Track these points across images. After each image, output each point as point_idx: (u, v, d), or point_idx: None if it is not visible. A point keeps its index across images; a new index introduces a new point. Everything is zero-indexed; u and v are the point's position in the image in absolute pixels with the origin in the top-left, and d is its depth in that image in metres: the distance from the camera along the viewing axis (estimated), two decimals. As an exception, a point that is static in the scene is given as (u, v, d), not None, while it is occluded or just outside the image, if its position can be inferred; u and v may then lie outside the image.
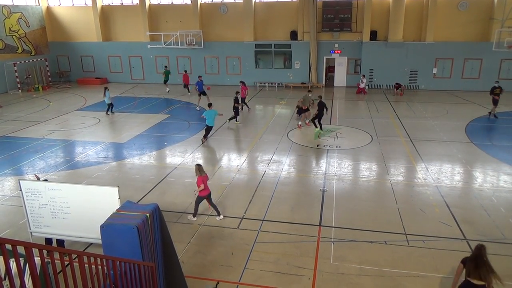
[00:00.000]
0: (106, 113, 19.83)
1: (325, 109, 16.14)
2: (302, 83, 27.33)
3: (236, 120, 18.03)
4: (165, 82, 25.73)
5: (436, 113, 19.54)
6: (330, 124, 17.85)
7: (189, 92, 24.81)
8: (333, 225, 9.06)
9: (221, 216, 9.40)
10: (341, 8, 25.83)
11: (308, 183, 11.57)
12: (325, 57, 27.10)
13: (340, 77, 27.44)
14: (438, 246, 8.18)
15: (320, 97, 16.90)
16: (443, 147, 14.41)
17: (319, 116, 15.99)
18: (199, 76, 22.35)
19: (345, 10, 25.85)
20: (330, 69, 28.56)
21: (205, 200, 9.35)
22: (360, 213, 9.65)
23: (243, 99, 19.96)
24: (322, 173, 12.18)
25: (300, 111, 18.93)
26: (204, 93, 21.22)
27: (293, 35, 26.99)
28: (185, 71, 26.02)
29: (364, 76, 25.02)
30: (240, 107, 18.27)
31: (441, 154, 13.75)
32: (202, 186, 9.06)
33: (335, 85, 27.55)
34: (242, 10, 26.96)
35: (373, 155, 13.69)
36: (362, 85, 24.82)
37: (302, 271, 7.40)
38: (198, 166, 9.19)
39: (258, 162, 13.25)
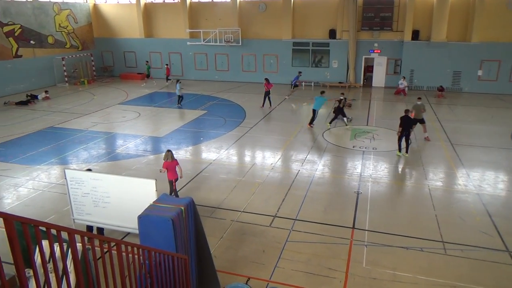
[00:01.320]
0: (178, 104, 21.01)
1: (413, 126, 13.50)
2: (340, 82, 26.92)
3: (330, 123, 17.04)
4: (148, 76, 28.18)
5: (480, 117, 18.65)
6: (367, 125, 17.49)
7: (167, 82, 27.84)
8: (366, 228, 8.90)
9: None
10: (383, 6, 25.16)
11: (342, 184, 11.42)
12: (363, 57, 26.53)
13: (379, 77, 26.76)
14: (477, 256, 7.84)
15: (407, 110, 13.55)
16: (486, 153, 13.75)
17: (403, 135, 13.20)
18: (299, 72, 25.22)
19: (387, 9, 25.16)
20: (369, 68, 27.94)
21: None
22: (395, 218, 9.42)
23: (267, 93, 20.64)
24: (357, 175, 11.97)
25: (339, 111, 18.52)
26: (296, 85, 24.18)
27: (332, 33, 26.62)
28: (167, 65, 28.57)
29: (404, 78, 24.27)
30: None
31: (484, 160, 13.13)
32: (164, 170, 9.72)
33: (373, 85, 26.92)
34: (281, 8, 26.90)
35: (411, 159, 13.29)
36: (401, 86, 24.10)
37: (334, 273, 7.33)
38: (169, 152, 9.88)
39: (292, 161, 13.22)
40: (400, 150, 13.41)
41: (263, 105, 20.78)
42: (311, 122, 16.90)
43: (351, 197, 10.49)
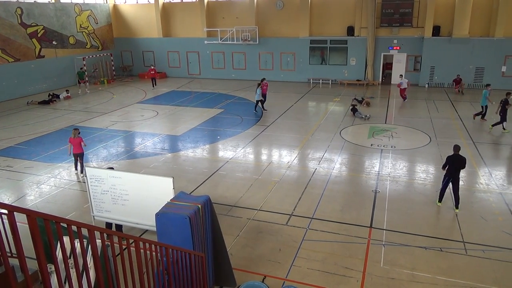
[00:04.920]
0: (256, 109, 19.32)
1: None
2: (358, 80, 26.63)
3: (504, 128, 15.37)
4: (79, 82, 26.38)
5: (504, 115, 18.12)
6: (385, 123, 17.26)
7: (154, 86, 26.53)
8: (384, 228, 8.79)
9: (82, 174, 11.59)
10: (402, 2, 24.71)
11: (360, 183, 11.30)
12: (382, 54, 26.16)
13: (398, 74, 26.29)
14: (499, 257, 7.65)
15: (457, 147, 9.61)
16: (510, 151, 13.38)
17: (449, 181, 9.55)
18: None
19: (406, 5, 24.69)
20: (388, 66, 27.53)
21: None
22: (414, 217, 9.27)
23: (264, 95, 19.50)
24: (375, 173, 11.83)
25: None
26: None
27: (350, 30, 26.34)
28: (152, 66, 27.54)
29: (402, 76, 22.22)
30: None
31: (507, 158, 12.79)
32: (70, 145, 11.63)
33: (392, 82, 26.50)
34: (298, 6, 26.77)
35: (430, 157, 13.04)
36: (404, 86, 21.15)
37: (350, 273, 7.28)
38: (75, 130, 11.84)
39: (309, 160, 13.16)
40: (441, 199, 9.81)
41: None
42: (482, 116, 16.94)
43: (369, 196, 10.37)
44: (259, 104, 19.43)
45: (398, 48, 25.68)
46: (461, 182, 11.05)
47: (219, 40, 28.32)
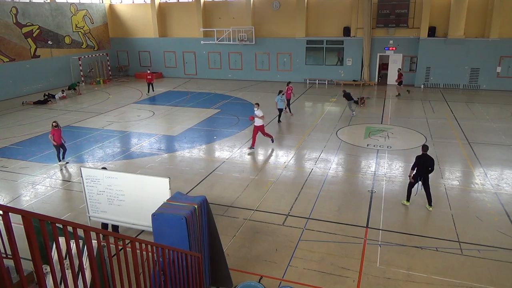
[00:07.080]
0: (280, 119, 17.82)
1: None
2: (354, 80, 26.70)
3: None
4: (69, 88, 25.63)
5: (499, 115, 18.26)
6: (381, 123, 17.31)
7: (151, 91, 24.82)
8: (380, 228, 8.81)
9: (63, 162, 12.79)
10: (398, 3, 24.80)
11: (356, 183, 11.32)
12: (378, 54, 26.25)
13: (394, 75, 26.37)
14: (495, 257, 7.69)
15: (425, 146, 9.57)
16: (505, 152, 13.46)
17: (418, 180, 9.51)
18: None
19: (402, 5, 24.79)
20: (384, 66, 27.62)
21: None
22: (410, 217, 9.30)
23: (288, 101, 18.93)
24: (371, 173, 11.86)
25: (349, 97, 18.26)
26: None
27: (346, 31, 26.41)
28: (149, 70, 26.38)
29: (258, 105, 13.95)
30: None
31: (502, 159, 12.86)
32: (51, 136, 12.36)
33: (388, 83, 26.60)
34: (295, 6, 26.80)
35: (426, 157, 13.07)
36: (258, 122, 13.76)
37: (347, 273, 7.29)
38: (54, 122, 12.67)
39: (305, 160, 13.18)
40: (408, 199, 9.80)
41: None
42: None
43: (365, 196, 10.40)
44: (287, 110, 18.19)
45: (394, 48, 25.78)
46: (456, 182, 11.17)
47: (215, 40, 28.30)
